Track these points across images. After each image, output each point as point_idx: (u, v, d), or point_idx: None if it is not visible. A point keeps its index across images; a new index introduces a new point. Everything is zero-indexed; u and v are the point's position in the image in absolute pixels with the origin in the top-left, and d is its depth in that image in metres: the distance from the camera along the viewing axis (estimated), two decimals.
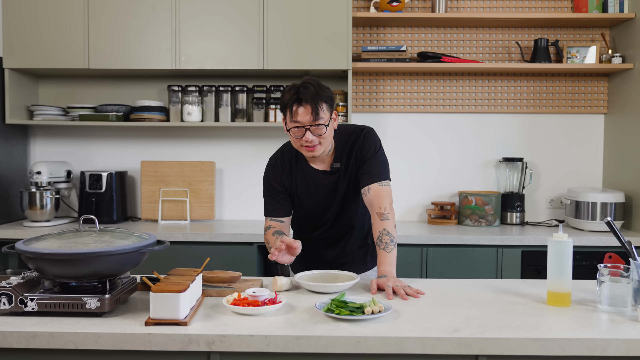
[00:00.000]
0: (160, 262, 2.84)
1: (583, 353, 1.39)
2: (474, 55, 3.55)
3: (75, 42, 3.23)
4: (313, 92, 1.84)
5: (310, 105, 1.84)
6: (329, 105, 1.89)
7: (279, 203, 2.05)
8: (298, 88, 1.85)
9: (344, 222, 2.08)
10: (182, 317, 1.46)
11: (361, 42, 3.55)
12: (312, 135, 1.87)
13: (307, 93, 1.84)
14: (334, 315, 1.50)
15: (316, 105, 1.84)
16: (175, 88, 3.40)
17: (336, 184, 2.03)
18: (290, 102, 1.86)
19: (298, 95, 1.84)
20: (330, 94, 1.91)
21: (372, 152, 1.99)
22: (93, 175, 3.37)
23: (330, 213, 2.06)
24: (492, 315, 1.56)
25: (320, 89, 1.87)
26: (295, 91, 1.85)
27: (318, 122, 1.86)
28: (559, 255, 1.66)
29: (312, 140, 1.88)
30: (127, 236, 1.65)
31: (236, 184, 3.63)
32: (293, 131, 1.89)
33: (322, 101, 1.86)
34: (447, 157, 3.61)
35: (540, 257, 2.98)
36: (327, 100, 1.88)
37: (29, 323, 1.46)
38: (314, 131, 1.87)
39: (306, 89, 1.84)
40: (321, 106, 1.85)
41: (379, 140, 2.04)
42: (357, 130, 2.03)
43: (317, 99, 1.84)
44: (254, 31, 3.21)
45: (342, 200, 2.04)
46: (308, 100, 1.84)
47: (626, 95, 3.34)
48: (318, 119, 1.85)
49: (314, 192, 2.04)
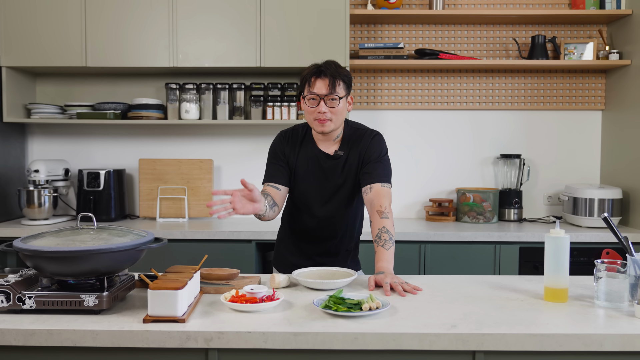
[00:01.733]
0: (158, 259, 2.85)
1: (580, 348, 1.39)
2: (472, 52, 3.56)
3: (72, 40, 3.22)
4: (334, 68, 1.96)
5: (329, 78, 1.94)
6: (346, 84, 1.99)
7: (280, 169, 2.09)
8: (320, 65, 1.98)
9: (333, 217, 2.10)
10: (180, 314, 1.46)
11: (358, 39, 3.55)
12: (325, 107, 1.94)
13: (328, 68, 1.96)
14: (331, 311, 1.51)
15: (334, 79, 1.94)
16: (173, 86, 3.40)
17: (334, 170, 2.06)
18: (310, 75, 1.97)
19: (319, 68, 1.96)
20: (349, 76, 2.00)
21: (378, 155, 2.04)
22: (91, 173, 3.36)
23: (322, 201, 2.08)
24: (490, 311, 1.57)
25: (340, 68, 1.98)
26: (316, 66, 1.98)
27: (333, 95, 1.94)
28: (556, 251, 1.66)
29: (325, 113, 1.95)
30: (124, 234, 1.65)
31: (234, 182, 3.63)
32: (308, 100, 1.97)
33: (340, 78, 1.96)
34: (444, 154, 3.61)
35: (537, 253, 2.98)
36: (344, 79, 1.98)
37: (27, 321, 1.46)
38: (328, 103, 1.95)
39: (328, 65, 1.97)
40: (338, 82, 1.95)
41: (387, 146, 2.10)
42: (368, 130, 2.10)
43: (337, 75, 1.95)
44: (252, 28, 3.21)
45: (336, 191, 2.07)
46: (327, 74, 1.94)
47: (623, 92, 3.34)
48: (334, 92, 1.94)
49: (311, 174, 2.07)
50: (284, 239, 2.25)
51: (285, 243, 2.23)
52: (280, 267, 2.21)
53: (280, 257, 2.25)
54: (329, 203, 2.08)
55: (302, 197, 2.11)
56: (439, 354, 1.42)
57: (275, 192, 2.05)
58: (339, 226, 2.12)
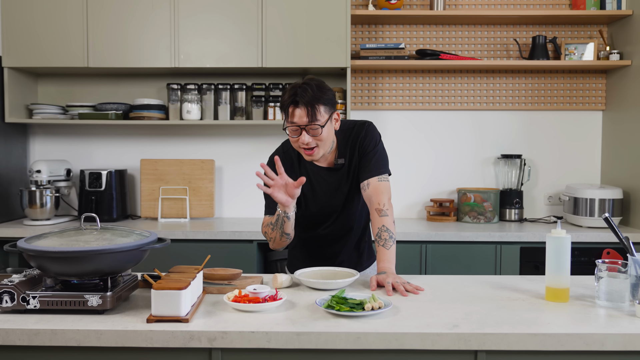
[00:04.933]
0: (160, 260, 2.85)
1: (581, 348, 1.40)
2: (473, 52, 3.56)
3: (74, 40, 3.23)
4: (311, 94, 1.83)
5: (306, 107, 1.83)
6: (327, 107, 1.87)
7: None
8: (296, 89, 1.84)
9: (345, 220, 2.08)
10: (183, 314, 1.46)
11: (360, 39, 3.56)
12: (308, 137, 1.87)
13: (304, 95, 1.83)
14: (334, 311, 1.51)
15: (313, 108, 1.83)
16: (175, 86, 3.40)
17: (341, 180, 2.02)
18: (287, 103, 1.86)
19: (295, 97, 1.84)
20: (330, 96, 1.89)
21: (372, 145, 1.99)
22: (93, 174, 3.37)
23: (333, 211, 2.05)
24: (491, 311, 1.57)
25: (319, 91, 1.85)
26: (293, 92, 1.84)
27: (314, 124, 1.85)
28: (557, 251, 1.67)
29: (309, 143, 1.87)
30: (128, 234, 1.66)
31: (235, 182, 3.64)
32: (290, 130, 1.89)
33: (320, 103, 1.84)
34: (445, 154, 3.62)
35: (538, 253, 2.99)
36: (325, 102, 1.86)
37: (31, 321, 1.46)
38: (310, 132, 1.86)
39: (304, 90, 1.83)
40: (318, 108, 1.84)
41: (379, 133, 2.05)
42: (359, 125, 2.03)
43: (314, 101, 1.83)
44: (253, 29, 3.21)
45: (346, 198, 2.03)
46: (304, 103, 1.83)
47: (624, 92, 3.35)
48: (314, 121, 1.84)
49: (319, 192, 2.02)
50: (298, 245, 2.17)
51: (301, 249, 2.17)
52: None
53: (294, 266, 2.18)
54: (340, 209, 2.04)
55: (312, 212, 2.06)
56: (441, 354, 1.43)
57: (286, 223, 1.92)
58: (350, 224, 2.09)
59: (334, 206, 2.04)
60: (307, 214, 2.07)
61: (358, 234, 2.14)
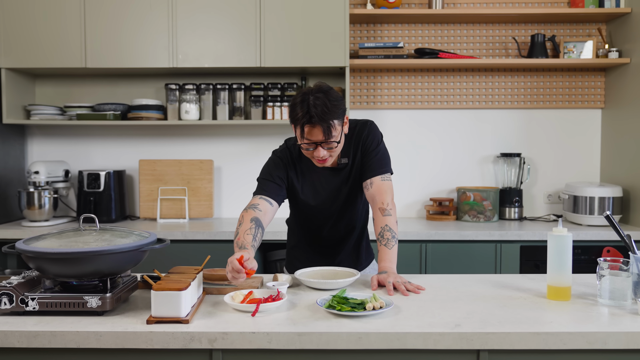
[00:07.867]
0: (159, 260, 2.84)
1: (584, 346, 1.39)
2: (471, 51, 3.56)
3: (72, 41, 3.22)
4: (325, 110, 1.77)
5: (322, 126, 1.78)
6: (340, 120, 1.83)
7: (276, 188, 1.96)
8: (309, 106, 1.77)
9: (348, 219, 2.07)
10: (183, 315, 1.46)
11: (358, 38, 3.55)
12: (324, 151, 1.84)
13: (318, 113, 1.77)
14: (335, 311, 1.50)
15: (328, 125, 1.79)
16: (173, 86, 3.39)
17: (343, 180, 2.01)
18: (302, 121, 1.79)
19: (309, 115, 1.77)
20: (341, 106, 1.84)
21: (375, 144, 1.99)
22: (91, 175, 3.36)
23: (335, 211, 2.04)
24: (493, 310, 1.57)
25: (332, 105, 1.79)
26: (305, 109, 1.78)
27: (330, 141, 1.82)
28: (558, 249, 1.66)
29: (324, 155, 1.85)
30: (127, 235, 1.65)
31: (234, 182, 3.63)
32: (304, 146, 1.85)
33: (334, 118, 1.80)
34: (445, 153, 3.62)
35: (538, 252, 2.99)
36: (338, 116, 1.82)
37: (31, 322, 1.45)
38: (326, 146, 1.84)
39: (317, 107, 1.77)
40: (333, 124, 1.80)
41: (381, 132, 2.04)
42: (361, 124, 2.02)
43: (329, 117, 1.78)
44: (251, 28, 3.20)
45: (348, 197, 2.03)
46: (319, 121, 1.77)
47: (623, 90, 3.35)
48: (330, 138, 1.81)
49: (321, 192, 2.01)
50: (297, 246, 2.17)
51: (301, 250, 2.16)
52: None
53: (293, 266, 2.17)
54: (341, 208, 2.04)
55: (318, 216, 2.05)
56: (443, 353, 1.42)
57: (267, 208, 1.92)
58: (352, 224, 2.09)
59: (336, 205, 2.04)
60: (309, 215, 2.06)
61: (359, 234, 2.14)
